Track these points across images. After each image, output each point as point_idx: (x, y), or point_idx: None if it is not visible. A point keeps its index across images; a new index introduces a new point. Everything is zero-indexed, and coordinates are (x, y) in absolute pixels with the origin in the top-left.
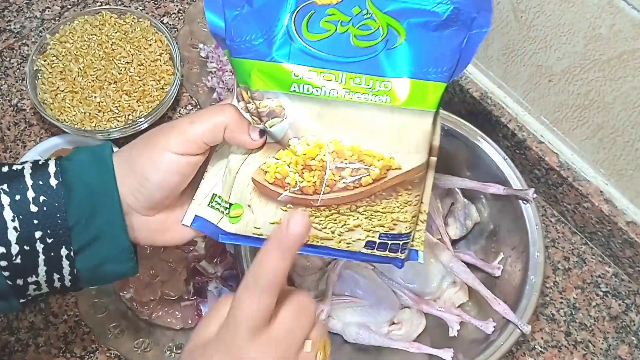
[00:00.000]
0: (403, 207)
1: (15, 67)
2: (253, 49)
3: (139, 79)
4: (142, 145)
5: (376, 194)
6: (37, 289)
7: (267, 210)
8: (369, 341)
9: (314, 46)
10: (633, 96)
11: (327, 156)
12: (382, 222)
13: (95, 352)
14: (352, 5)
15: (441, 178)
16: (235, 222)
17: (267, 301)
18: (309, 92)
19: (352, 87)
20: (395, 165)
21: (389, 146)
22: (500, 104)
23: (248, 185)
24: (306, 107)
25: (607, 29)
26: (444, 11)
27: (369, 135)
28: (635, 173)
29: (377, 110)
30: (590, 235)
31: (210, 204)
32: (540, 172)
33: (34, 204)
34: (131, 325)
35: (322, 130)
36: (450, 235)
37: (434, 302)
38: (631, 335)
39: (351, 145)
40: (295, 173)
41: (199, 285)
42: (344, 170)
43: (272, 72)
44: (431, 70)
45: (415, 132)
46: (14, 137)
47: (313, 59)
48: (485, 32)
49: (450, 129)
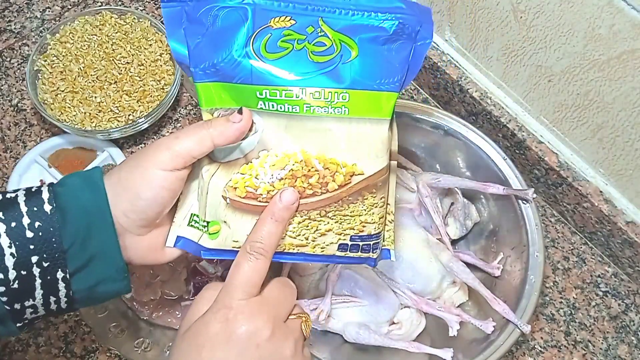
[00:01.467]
0: (370, 210)
1: (15, 67)
2: (218, 72)
3: (139, 79)
4: (132, 165)
5: (343, 199)
6: (33, 312)
7: (243, 223)
8: (368, 341)
9: (273, 65)
10: (633, 96)
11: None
12: (351, 225)
13: (95, 352)
14: (305, 25)
15: (441, 178)
16: (215, 238)
17: (261, 265)
18: (274, 109)
19: (312, 102)
20: (358, 171)
21: (350, 154)
22: (500, 104)
23: (220, 203)
24: (273, 121)
25: (607, 29)
26: (391, 26)
27: (331, 145)
28: (635, 173)
29: (337, 121)
30: (590, 235)
31: (189, 224)
32: (540, 172)
33: (29, 230)
34: (131, 325)
35: (289, 142)
36: (450, 235)
37: (433, 302)
38: (631, 335)
39: (317, 155)
40: (265, 183)
41: (199, 285)
42: (311, 178)
43: (238, 93)
44: (383, 81)
45: (374, 139)
46: (15, 137)
47: (274, 78)
48: (429, 43)
49: (450, 129)
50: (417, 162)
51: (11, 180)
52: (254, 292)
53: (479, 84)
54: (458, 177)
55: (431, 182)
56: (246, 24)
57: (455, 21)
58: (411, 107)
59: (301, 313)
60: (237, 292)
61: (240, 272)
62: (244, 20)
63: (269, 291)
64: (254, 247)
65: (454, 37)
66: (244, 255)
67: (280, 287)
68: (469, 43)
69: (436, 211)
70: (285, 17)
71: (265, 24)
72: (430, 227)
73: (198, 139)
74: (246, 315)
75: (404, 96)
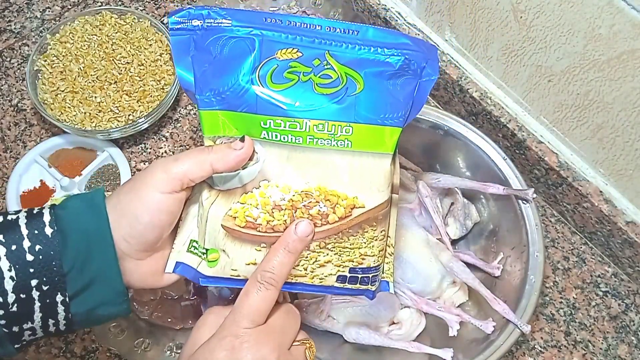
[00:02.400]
0: (370, 243)
1: (15, 67)
2: (223, 101)
3: (139, 79)
4: (129, 188)
5: (343, 231)
6: (32, 334)
7: (242, 252)
8: (368, 341)
9: (279, 96)
10: (633, 96)
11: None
12: (351, 257)
13: (95, 352)
14: (312, 58)
15: (441, 178)
16: (213, 266)
17: (271, 295)
18: (277, 139)
19: (316, 134)
20: (359, 204)
21: (352, 187)
22: (500, 104)
23: (219, 231)
24: (275, 151)
25: (607, 29)
26: (397, 62)
27: (333, 177)
28: (635, 173)
29: (339, 154)
30: (589, 235)
31: (189, 250)
32: (540, 172)
33: (29, 253)
34: (131, 325)
35: (291, 173)
36: (450, 235)
37: (433, 302)
38: (631, 335)
39: (317, 186)
40: (265, 213)
41: (199, 287)
42: (312, 209)
43: (242, 122)
44: (388, 116)
45: (376, 173)
46: (15, 137)
47: (278, 108)
48: (434, 79)
49: (450, 129)
50: (417, 162)
51: (11, 180)
52: (260, 321)
53: (479, 84)
54: (458, 177)
55: (431, 182)
56: (253, 54)
57: (455, 21)
58: None
59: (305, 339)
60: (244, 320)
61: (249, 300)
62: (251, 50)
63: (274, 319)
64: (264, 276)
65: (454, 37)
66: (253, 284)
67: (285, 315)
68: (469, 43)
69: (436, 211)
70: (293, 49)
71: (272, 55)
72: (430, 227)
73: (197, 162)
74: (252, 344)
75: None
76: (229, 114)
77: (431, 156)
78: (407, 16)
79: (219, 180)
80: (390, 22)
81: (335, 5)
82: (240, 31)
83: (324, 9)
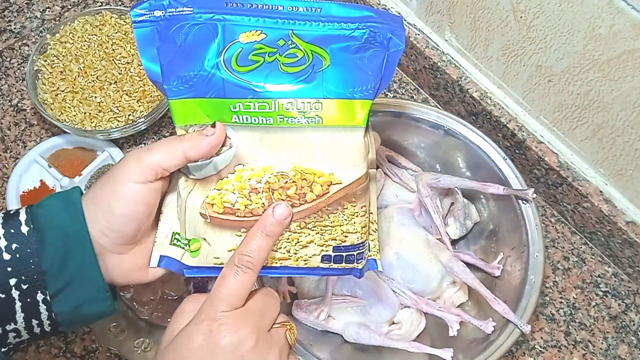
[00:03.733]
0: (351, 219)
1: (15, 67)
2: (191, 88)
3: (139, 79)
4: (104, 181)
5: (322, 209)
6: (16, 336)
7: (223, 239)
8: (368, 341)
9: (245, 78)
10: (633, 96)
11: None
12: (333, 235)
13: (95, 352)
14: (277, 39)
15: (441, 178)
16: (196, 256)
17: (248, 278)
18: (248, 122)
19: (286, 113)
20: (335, 180)
21: (327, 163)
22: (500, 104)
23: (198, 220)
24: (248, 135)
25: (607, 29)
26: (362, 35)
27: (307, 155)
28: (635, 173)
29: (311, 131)
30: (589, 235)
31: (172, 242)
32: (540, 172)
33: (6, 252)
34: (131, 325)
35: (265, 155)
36: (450, 235)
37: (433, 302)
38: (631, 335)
39: (293, 166)
40: (243, 197)
41: (199, 285)
42: (289, 190)
43: (212, 108)
44: (357, 89)
45: (350, 147)
46: (15, 137)
47: (246, 91)
48: (402, 49)
49: (450, 129)
50: (417, 162)
51: (11, 180)
52: (238, 305)
53: (479, 84)
54: (458, 177)
55: (431, 182)
56: (217, 40)
57: (455, 21)
58: (411, 107)
59: (285, 322)
60: (222, 304)
61: (226, 284)
62: (214, 35)
63: (253, 302)
64: (242, 260)
65: (454, 37)
66: (230, 268)
67: (263, 298)
68: (469, 43)
69: (436, 211)
70: (256, 32)
71: (235, 39)
72: (430, 227)
73: (169, 151)
74: (229, 327)
75: (404, 96)
76: (199, 101)
77: (431, 156)
78: (407, 16)
79: (194, 168)
80: None
81: None
82: (203, 17)
83: None
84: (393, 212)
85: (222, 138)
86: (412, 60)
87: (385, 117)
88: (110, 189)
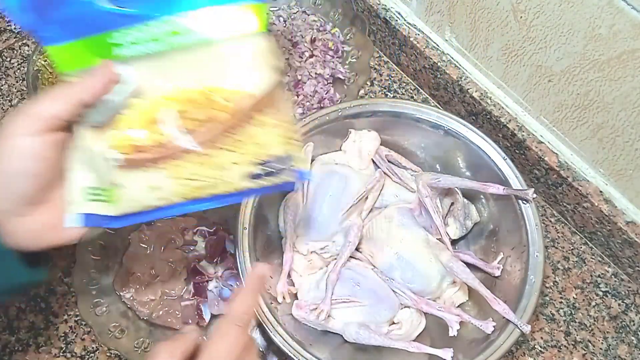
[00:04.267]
0: (266, 132)
1: (15, 67)
2: (65, 31)
3: None
4: None
5: (234, 126)
6: None
7: (137, 179)
8: (368, 341)
9: (119, 7)
10: (633, 96)
11: (174, 104)
12: (252, 150)
13: (95, 352)
14: None
15: (441, 178)
16: (117, 204)
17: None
18: (133, 53)
19: (167, 34)
20: (240, 93)
21: (227, 78)
22: (500, 104)
23: (108, 166)
24: (137, 66)
25: (607, 29)
26: None
27: (205, 74)
28: (635, 173)
29: (202, 48)
30: (590, 235)
31: (87, 198)
32: (540, 172)
33: None
34: (131, 325)
35: (162, 83)
36: (450, 235)
37: (433, 302)
38: (631, 335)
39: (192, 88)
40: (149, 132)
41: (199, 285)
42: (195, 113)
43: (92, 47)
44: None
45: (245, 56)
46: None
47: (122, 19)
48: None
49: (450, 129)
50: (417, 162)
51: None
52: None
53: (479, 84)
54: (458, 177)
55: (431, 182)
56: None
57: (455, 21)
58: (411, 107)
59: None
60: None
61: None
62: None
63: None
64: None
65: (454, 37)
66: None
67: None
68: (469, 43)
69: (436, 211)
70: None
71: None
72: (430, 227)
73: (60, 98)
74: None
75: (404, 96)
76: (77, 42)
77: (431, 156)
78: (407, 16)
79: (92, 114)
80: (390, 22)
81: (335, 5)
82: None
83: (324, 9)
84: (393, 212)
85: (111, 74)
86: (412, 60)
87: (385, 117)
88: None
